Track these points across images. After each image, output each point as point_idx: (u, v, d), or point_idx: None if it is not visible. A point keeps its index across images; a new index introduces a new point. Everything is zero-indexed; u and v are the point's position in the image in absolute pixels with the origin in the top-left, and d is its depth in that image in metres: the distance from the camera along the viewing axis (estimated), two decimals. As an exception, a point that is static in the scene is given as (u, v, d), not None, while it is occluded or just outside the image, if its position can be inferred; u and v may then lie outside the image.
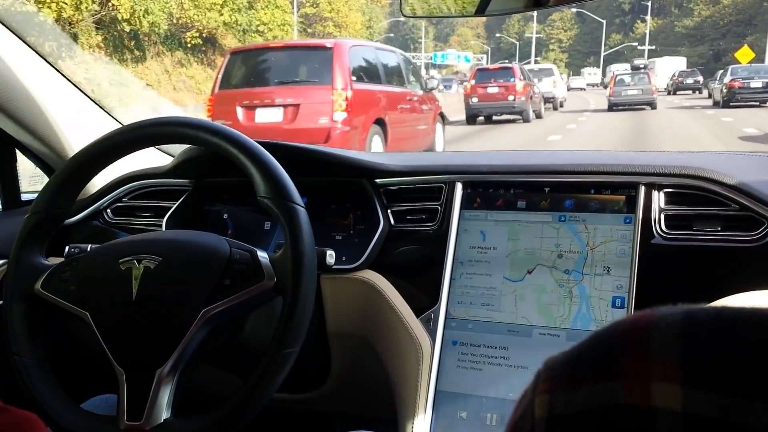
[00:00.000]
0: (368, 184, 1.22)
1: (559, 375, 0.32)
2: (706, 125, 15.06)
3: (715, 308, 0.31)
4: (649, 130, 14.62)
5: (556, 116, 20.75)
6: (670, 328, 0.30)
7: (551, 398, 0.31)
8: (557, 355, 0.34)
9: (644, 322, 0.31)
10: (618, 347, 0.30)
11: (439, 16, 0.92)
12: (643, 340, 0.30)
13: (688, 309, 0.31)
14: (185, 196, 1.31)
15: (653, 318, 0.31)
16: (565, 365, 0.32)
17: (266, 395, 0.87)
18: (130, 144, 1.00)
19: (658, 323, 0.30)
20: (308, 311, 0.89)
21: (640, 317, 0.31)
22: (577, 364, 0.32)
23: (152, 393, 0.87)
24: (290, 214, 0.90)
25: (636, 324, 0.31)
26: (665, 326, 0.30)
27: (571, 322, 1.05)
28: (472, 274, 1.12)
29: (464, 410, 1.06)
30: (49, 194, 0.98)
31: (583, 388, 0.30)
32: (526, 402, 0.33)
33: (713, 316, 0.30)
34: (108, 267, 0.92)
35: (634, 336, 0.30)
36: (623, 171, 1.09)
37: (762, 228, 1.00)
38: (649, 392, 0.28)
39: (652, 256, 1.03)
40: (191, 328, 0.87)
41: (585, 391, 0.30)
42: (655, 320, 0.30)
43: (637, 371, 0.29)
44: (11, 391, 0.95)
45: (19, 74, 1.28)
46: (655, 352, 0.29)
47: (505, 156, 1.35)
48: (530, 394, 0.33)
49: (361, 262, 1.17)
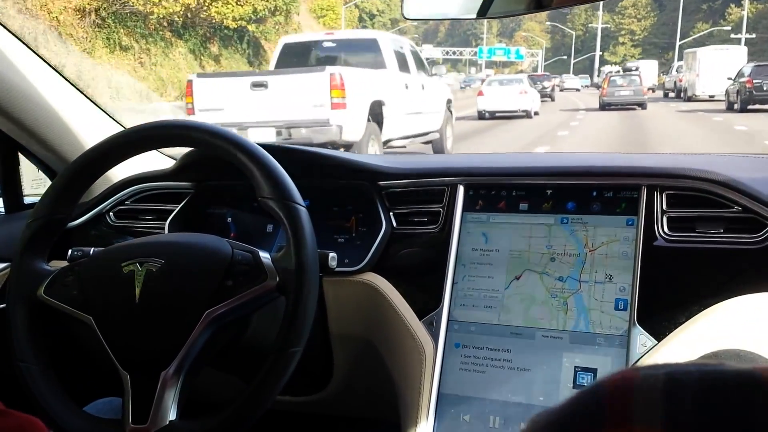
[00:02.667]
0: (370, 187, 1.22)
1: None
2: None
3: (698, 369, 0.30)
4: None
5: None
6: (652, 392, 0.29)
7: None
8: (542, 413, 0.33)
9: (627, 386, 0.30)
10: (600, 414, 0.30)
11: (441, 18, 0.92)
12: (626, 405, 0.29)
13: (671, 370, 0.30)
14: (188, 199, 1.31)
15: (635, 381, 0.30)
16: (548, 429, 0.32)
17: (271, 395, 0.87)
18: (131, 147, 1.00)
19: (640, 386, 0.29)
20: (311, 310, 0.89)
21: (622, 379, 0.30)
22: (560, 429, 0.31)
23: (157, 395, 0.87)
24: (291, 213, 0.90)
25: (618, 388, 0.30)
26: (647, 389, 0.29)
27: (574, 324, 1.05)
28: (474, 277, 1.12)
29: (467, 413, 1.06)
30: (50, 199, 0.99)
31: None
32: None
33: (696, 379, 0.29)
34: (110, 270, 0.92)
35: (617, 401, 0.30)
36: (625, 173, 1.09)
37: (765, 230, 1.00)
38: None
39: (654, 258, 1.03)
40: (195, 329, 0.87)
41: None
42: (638, 383, 0.30)
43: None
44: (14, 394, 0.95)
45: (21, 77, 1.28)
46: (637, 418, 0.28)
47: (507, 158, 1.35)
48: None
49: (364, 264, 1.17)
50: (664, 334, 0.99)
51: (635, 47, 73.15)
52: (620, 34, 74.77)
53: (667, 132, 14.72)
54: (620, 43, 74.13)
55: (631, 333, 1.01)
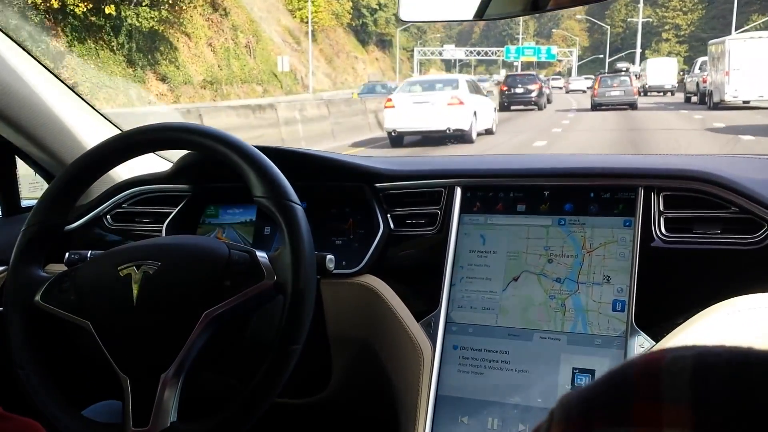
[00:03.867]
0: (368, 189, 1.22)
1: (572, 417, 0.32)
2: None
3: (727, 350, 0.31)
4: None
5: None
6: (681, 373, 0.30)
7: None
8: (572, 392, 0.34)
9: (655, 365, 0.31)
10: (630, 391, 0.30)
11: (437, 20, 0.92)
12: (655, 384, 0.30)
13: (699, 351, 0.31)
14: (185, 201, 1.31)
15: (664, 361, 0.31)
16: (579, 407, 0.32)
17: (271, 394, 0.87)
18: (127, 150, 1.00)
19: (669, 367, 0.30)
20: (310, 306, 0.89)
21: (651, 359, 0.31)
22: (591, 406, 0.32)
23: (157, 398, 0.87)
24: (287, 212, 0.90)
25: (647, 367, 0.31)
26: (677, 370, 0.30)
27: (572, 326, 1.05)
28: (472, 278, 1.12)
29: (465, 414, 1.06)
30: (46, 204, 0.98)
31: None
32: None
33: (725, 360, 0.30)
34: (107, 274, 0.92)
35: (646, 380, 0.30)
36: (623, 174, 1.09)
37: (762, 230, 1.00)
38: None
39: (652, 260, 1.03)
40: (193, 331, 0.87)
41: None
42: (666, 363, 0.30)
43: (648, 417, 0.29)
44: (14, 399, 0.95)
45: (18, 80, 1.28)
46: (666, 397, 0.29)
47: (505, 160, 1.35)
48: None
49: (361, 266, 1.17)
50: (662, 335, 0.99)
51: (680, 43, 65.09)
52: (663, 29, 66.57)
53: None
54: (663, 39, 66.19)
55: (629, 334, 1.01)
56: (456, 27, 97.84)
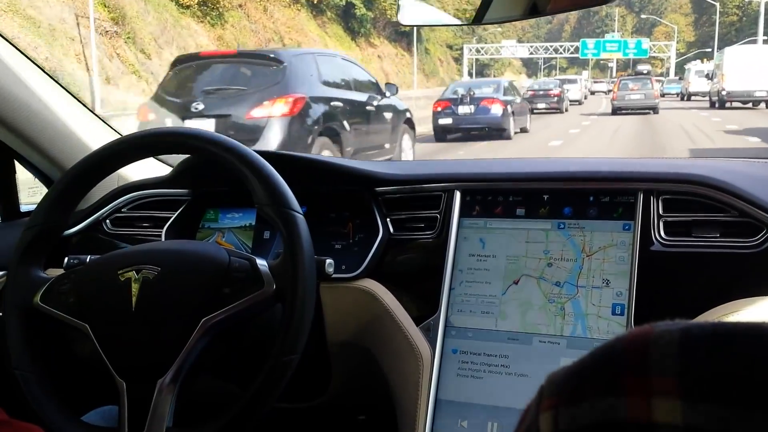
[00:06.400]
0: (367, 193, 1.22)
1: (562, 390, 0.33)
2: None
3: (711, 324, 0.32)
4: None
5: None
6: (668, 345, 0.31)
7: (556, 414, 0.32)
8: (559, 369, 0.34)
9: (643, 339, 0.31)
10: (619, 363, 0.31)
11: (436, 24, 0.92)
12: (643, 356, 0.31)
13: (686, 325, 0.32)
14: (184, 206, 1.31)
15: (652, 334, 0.32)
16: (568, 381, 0.33)
17: (268, 403, 0.86)
18: (127, 154, 1.00)
19: (656, 340, 0.31)
20: (308, 317, 0.89)
21: (639, 333, 0.32)
22: (580, 379, 0.33)
23: (153, 404, 0.87)
24: (288, 220, 0.90)
25: (635, 340, 0.32)
26: (664, 343, 0.31)
27: (571, 330, 1.05)
28: (471, 282, 1.12)
29: (465, 419, 1.06)
30: (46, 207, 0.98)
31: (586, 404, 0.31)
32: (531, 417, 0.34)
33: (710, 332, 0.31)
34: (107, 278, 0.92)
35: (634, 353, 0.31)
36: (622, 178, 1.09)
37: (761, 234, 1.00)
38: (650, 407, 0.29)
39: (651, 263, 1.03)
40: (191, 337, 0.87)
41: (588, 406, 0.31)
42: (654, 337, 0.31)
43: (638, 387, 0.30)
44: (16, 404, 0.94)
45: (17, 84, 1.28)
46: (654, 368, 0.30)
47: (504, 164, 1.35)
48: (534, 410, 0.34)
49: (361, 270, 1.17)
50: None
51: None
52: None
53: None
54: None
55: None
56: (545, 26, 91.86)
